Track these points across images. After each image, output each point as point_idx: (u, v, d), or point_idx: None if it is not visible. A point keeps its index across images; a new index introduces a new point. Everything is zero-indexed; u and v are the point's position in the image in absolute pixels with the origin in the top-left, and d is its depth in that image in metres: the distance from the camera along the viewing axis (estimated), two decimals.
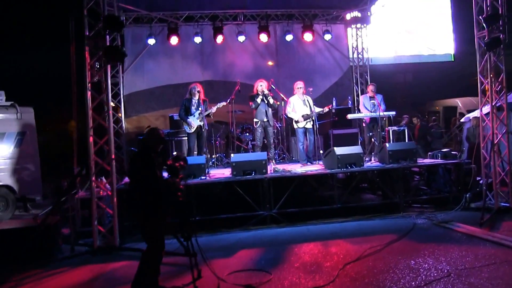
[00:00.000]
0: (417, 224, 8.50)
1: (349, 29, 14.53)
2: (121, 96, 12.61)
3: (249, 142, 11.93)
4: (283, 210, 9.03)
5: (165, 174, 5.58)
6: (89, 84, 7.97)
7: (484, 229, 7.90)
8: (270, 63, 14.07)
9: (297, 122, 10.95)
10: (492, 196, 9.19)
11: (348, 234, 8.13)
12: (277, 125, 11.88)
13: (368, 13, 13.80)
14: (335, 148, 9.50)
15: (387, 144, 9.98)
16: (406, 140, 11.16)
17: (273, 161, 10.86)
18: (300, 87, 11.08)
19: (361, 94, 13.35)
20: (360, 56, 14.44)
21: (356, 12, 13.79)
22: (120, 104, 12.53)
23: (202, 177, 9.13)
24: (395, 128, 11.35)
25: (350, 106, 12.99)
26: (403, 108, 18.80)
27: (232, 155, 9.64)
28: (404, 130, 11.27)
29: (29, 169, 11.85)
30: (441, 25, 17.72)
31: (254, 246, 7.71)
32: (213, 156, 11.66)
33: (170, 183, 5.41)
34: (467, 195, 9.64)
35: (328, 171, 9.47)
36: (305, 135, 11.04)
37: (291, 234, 8.35)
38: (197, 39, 13.24)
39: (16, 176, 11.57)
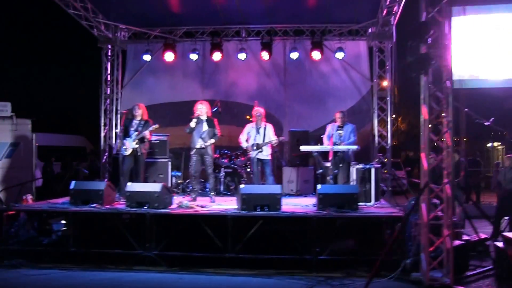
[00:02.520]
0: None
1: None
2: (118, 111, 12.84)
3: (222, 168, 11.30)
4: (164, 253, 8.09)
5: None
6: None
7: None
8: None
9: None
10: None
11: None
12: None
13: (388, 28, 11.96)
14: (241, 186, 8.32)
15: (318, 186, 8.45)
16: (372, 183, 9.30)
17: (212, 193, 9.91)
18: (258, 114, 10.25)
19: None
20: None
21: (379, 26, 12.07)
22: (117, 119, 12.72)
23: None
24: (360, 166, 9.51)
25: None
26: None
27: None
28: (370, 169, 9.39)
29: (18, 178, 12.48)
30: None
31: None
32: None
33: None
34: (408, 261, 7.63)
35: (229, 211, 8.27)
36: (259, 166, 10.20)
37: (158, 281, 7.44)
38: (193, 56, 12.84)
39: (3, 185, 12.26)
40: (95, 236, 8.68)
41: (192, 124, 9.69)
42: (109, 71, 13.28)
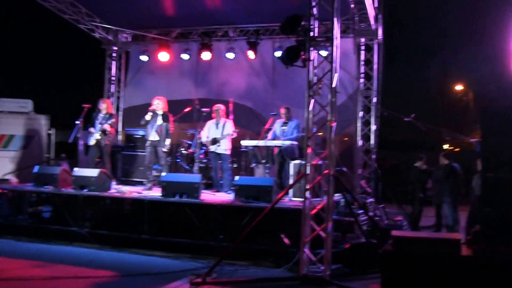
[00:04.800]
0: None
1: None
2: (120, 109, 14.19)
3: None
4: (93, 231, 9.12)
5: None
6: None
7: None
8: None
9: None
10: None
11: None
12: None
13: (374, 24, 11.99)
14: (162, 174, 9.13)
15: (236, 177, 8.96)
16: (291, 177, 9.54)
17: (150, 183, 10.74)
18: (217, 110, 10.98)
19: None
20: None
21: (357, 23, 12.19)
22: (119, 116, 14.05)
23: None
24: (297, 161, 9.75)
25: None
26: None
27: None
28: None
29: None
30: None
31: None
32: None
33: None
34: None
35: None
36: (217, 160, 10.82)
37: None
38: (185, 56, 13.79)
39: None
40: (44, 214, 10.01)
41: (147, 117, 10.63)
42: (112, 71, 14.59)
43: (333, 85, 7.54)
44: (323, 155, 7.67)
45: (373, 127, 12.51)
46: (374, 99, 12.49)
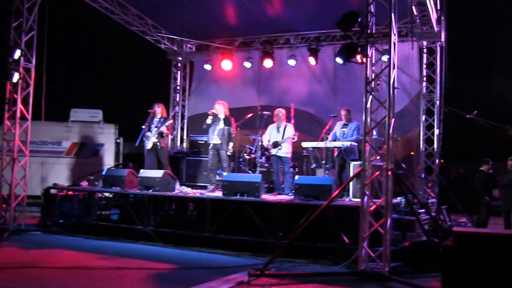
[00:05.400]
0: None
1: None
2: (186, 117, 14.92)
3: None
4: (157, 229, 9.49)
5: None
6: None
7: None
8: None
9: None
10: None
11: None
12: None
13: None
14: (224, 173, 9.38)
15: (296, 177, 9.11)
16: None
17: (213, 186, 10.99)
18: (278, 114, 11.23)
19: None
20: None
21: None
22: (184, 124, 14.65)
23: None
24: (358, 162, 9.79)
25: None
26: None
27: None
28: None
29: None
30: None
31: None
32: None
33: None
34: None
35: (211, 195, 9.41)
36: (278, 163, 11.00)
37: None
38: (247, 64, 14.15)
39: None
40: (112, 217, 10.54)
41: (208, 120, 10.99)
42: (178, 81, 15.16)
43: (391, 81, 7.52)
44: (381, 151, 7.69)
45: (436, 131, 12.34)
46: (437, 102, 12.34)
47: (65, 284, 6.42)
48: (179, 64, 15.33)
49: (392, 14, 7.53)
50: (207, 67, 14.65)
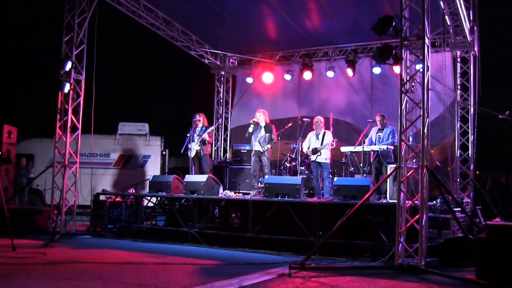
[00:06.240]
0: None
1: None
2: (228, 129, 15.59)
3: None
4: (202, 231, 10.01)
5: None
6: None
7: None
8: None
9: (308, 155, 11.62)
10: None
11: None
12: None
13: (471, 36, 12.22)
14: (265, 177, 9.85)
15: (335, 178, 9.52)
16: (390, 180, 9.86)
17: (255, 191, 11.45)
18: (317, 122, 11.69)
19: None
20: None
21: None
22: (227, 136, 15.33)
23: None
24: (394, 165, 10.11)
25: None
26: None
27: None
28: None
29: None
30: None
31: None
32: None
33: None
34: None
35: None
36: (318, 169, 11.40)
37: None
38: (287, 77, 14.73)
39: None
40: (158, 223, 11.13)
41: (250, 129, 11.55)
42: (221, 94, 15.85)
43: (425, 81, 7.89)
44: (417, 149, 8.03)
45: (471, 137, 12.57)
46: (471, 110, 12.58)
47: (114, 276, 6.87)
48: (222, 78, 16.07)
49: (425, 17, 7.92)
50: (249, 80, 15.29)
